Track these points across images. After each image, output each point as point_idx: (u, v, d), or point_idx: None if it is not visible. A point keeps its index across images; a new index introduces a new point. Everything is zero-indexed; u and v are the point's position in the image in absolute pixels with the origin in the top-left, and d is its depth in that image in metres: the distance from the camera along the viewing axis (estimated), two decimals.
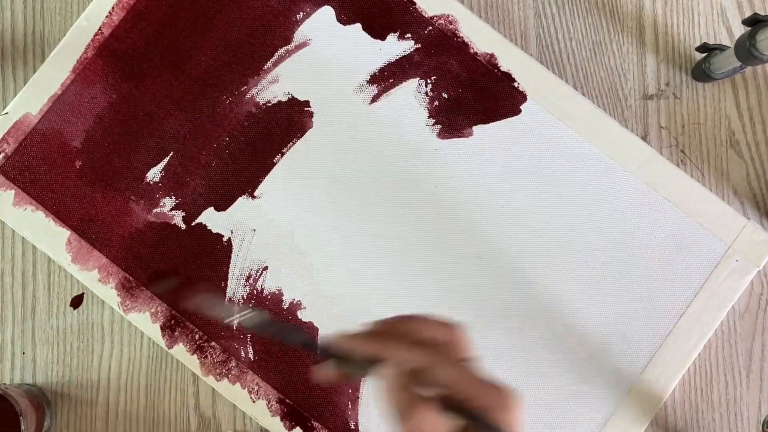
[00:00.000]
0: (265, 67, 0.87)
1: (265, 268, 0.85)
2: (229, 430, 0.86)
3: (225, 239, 0.85)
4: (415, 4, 0.87)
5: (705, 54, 0.87)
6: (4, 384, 0.83)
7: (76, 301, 0.87)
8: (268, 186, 0.86)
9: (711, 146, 0.89)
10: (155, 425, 0.87)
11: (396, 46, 0.87)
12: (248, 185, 0.86)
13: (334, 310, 0.84)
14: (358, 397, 0.83)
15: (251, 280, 0.84)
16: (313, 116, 0.87)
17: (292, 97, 0.87)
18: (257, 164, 0.86)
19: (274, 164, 0.86)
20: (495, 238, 0.85)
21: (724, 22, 0.91)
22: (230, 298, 0.84)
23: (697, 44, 0.90)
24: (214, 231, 0.85)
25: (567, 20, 0.91)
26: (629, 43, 0.91)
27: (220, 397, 0.87)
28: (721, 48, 0.85)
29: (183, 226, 0.85)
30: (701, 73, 0.88)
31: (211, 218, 0.85)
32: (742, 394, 0.86)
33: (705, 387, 0.87)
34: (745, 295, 0.87)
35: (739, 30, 0.91)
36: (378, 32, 0.87)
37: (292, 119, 0.86)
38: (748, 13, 0.91)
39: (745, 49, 0.79)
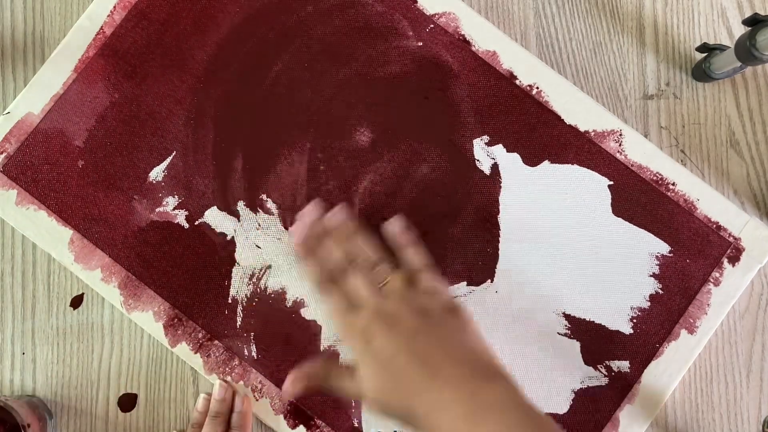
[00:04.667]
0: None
1: (269, 266, 0.85)
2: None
3: (228, 238, 0.85)
4: (416, 2, 0.87)
5: (705, 54, 0.88)
6: (5, 396, 0.83)
7: (76, 302, 0.87)
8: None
9: (711, 146, 0.90)
10: (155, 425, 0.87)
11: None
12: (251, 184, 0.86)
13: None
14: None
15: (255, 279, 0.84)
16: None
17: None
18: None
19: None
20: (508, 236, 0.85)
21: (724, 22, 0.91)
22: (233, 297, 0.84)
23: (697, 44, 0.91)
24: (217, 230, 0.85)
25: (567, 20, 0.91)
26: (629, 43, 0.91)
27: None
28: (721, 48, 0.86)
29: (186, 225, 0.85)
30: (701, 73, 0.88)
31: (214, 217, 0.85)
32: (742, 394, 0.87)
33: (705, 387, 0.87)
34: (745, 294, 0.87)
35: (739, 30, 0.91)
36: None
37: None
38: (748, 13, 0.91)
39: (745, 49, 0.79)
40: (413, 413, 0.68)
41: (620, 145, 0.85)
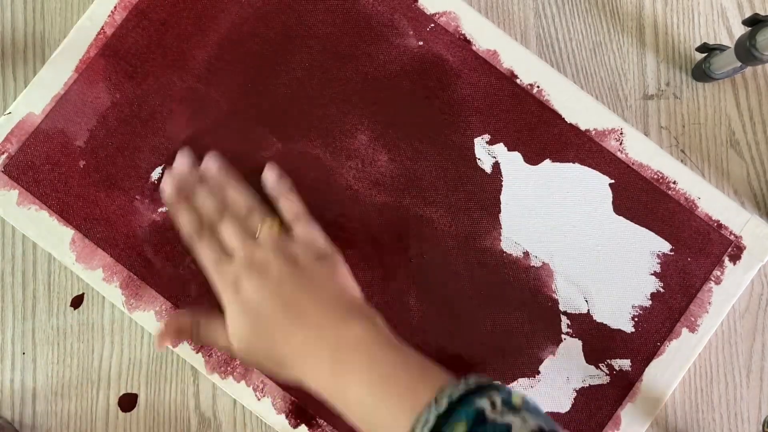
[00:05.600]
0: None
1: None
2: None
3: None
4: (417, 1, 0.87)
5: (705, 54, 0.88)
6: None
7: (76, 301, 0.87)
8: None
9: (711, 146, 0.90)
10: (155, 425, 0.87)
11: None
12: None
13: None
14: None
15: None
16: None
17: None
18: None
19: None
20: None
21: (724, 22, 0.91)
22: None
23: (697, 44, 0.91)
24: None
25: (567, 20, 0.92)
26: (629, 43, 0.91)
27: (220, 397, 0.87)
28: (721, 48, 0.86)
29: None
30: (701, 73, 0.88)
31: None
32: (742, 394, 0.87)
33: (705, 387, 0.87)
34: (745, 294, 0.87)
35: (739, 30, 0.91)
36: None
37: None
38: (748, 13, 0.91)
39: (745, 49, 0.79)
40: (282, 360, 0.72)
41: (621, 143, 0.85)
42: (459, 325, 0.84)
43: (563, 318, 0.84)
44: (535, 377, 0.83)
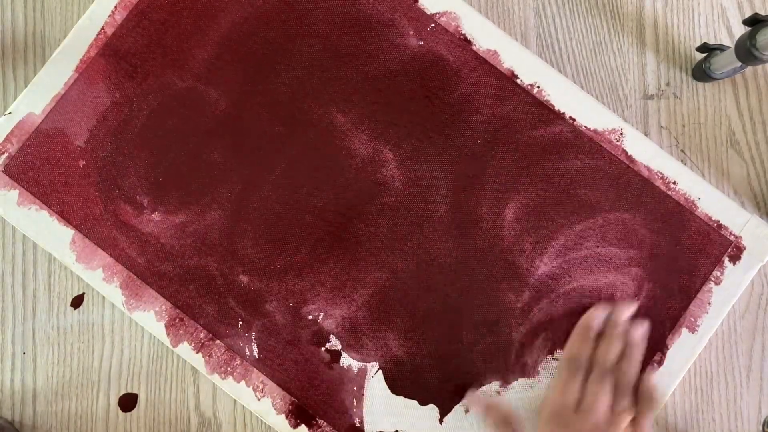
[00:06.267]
0: None
1: None
2: None
3: None
4: (417, 1, 0.87)
5: (705, 54, 0.88)
6: None
7: (77, 301, 0.87)
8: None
9: (711, 146, 0.90)
10: (155, 425, 0.87)
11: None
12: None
13: (342, 312, 0.84)
14: (363, 395, 0.83)
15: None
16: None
17: None
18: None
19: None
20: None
21: (724, 22, 0.91)
22: (235, 297, 0.84)
23: (698, 44, 0.91)
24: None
25: (567, 20, 0.92)
26: (629, 43, 0.91)
27: (220, 397, 0.87)
28: (721, 48, 0.86)
29: None
30: (701, 73, 0.88)
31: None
32: (742, 394, 0.86)
33: (705, 387, 0.87)
34: (745, 294, 0.87)
35: (740, 30, 0.91)
36: None
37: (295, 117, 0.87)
38: (748, 13, 0.91)
39: (745, 49, 0.79)
40: None
41: (621, 143, 0.85)
42: (460, 324, 0.84)
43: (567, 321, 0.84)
44: (535, 377, 0.83)
